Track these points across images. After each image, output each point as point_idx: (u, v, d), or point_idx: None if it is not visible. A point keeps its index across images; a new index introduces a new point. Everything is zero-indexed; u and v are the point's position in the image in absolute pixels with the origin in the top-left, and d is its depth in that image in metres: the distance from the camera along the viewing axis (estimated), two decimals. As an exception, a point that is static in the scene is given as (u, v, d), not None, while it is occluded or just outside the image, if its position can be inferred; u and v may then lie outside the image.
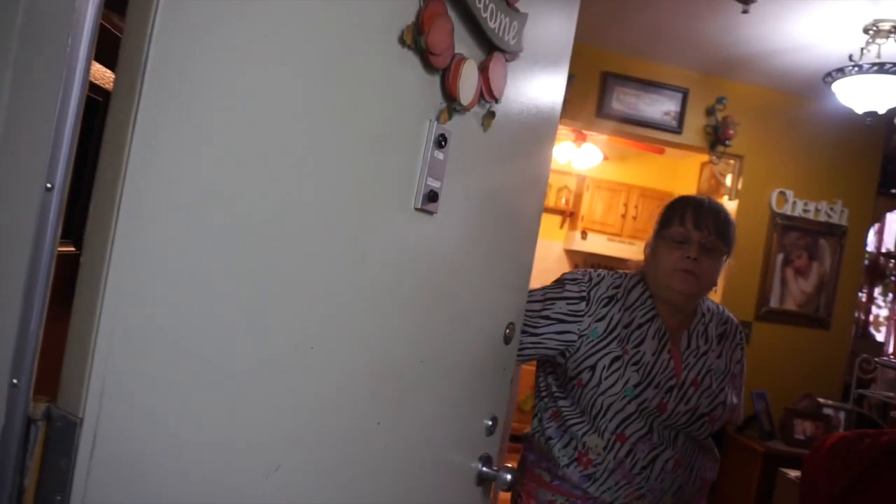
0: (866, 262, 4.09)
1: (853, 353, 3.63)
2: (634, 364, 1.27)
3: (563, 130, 4.63)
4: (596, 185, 5.66)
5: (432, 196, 0.87)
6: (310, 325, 0.72)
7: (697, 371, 1.31)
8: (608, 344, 1.29)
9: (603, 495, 1.27)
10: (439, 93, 0.87)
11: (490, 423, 1.18)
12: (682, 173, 5.71)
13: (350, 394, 0.80)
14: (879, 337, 4.63)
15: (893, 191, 4.04)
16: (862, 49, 2.61)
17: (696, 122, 3.49)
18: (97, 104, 0.86)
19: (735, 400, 1.39)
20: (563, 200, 5.80)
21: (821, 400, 3.42)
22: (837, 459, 1.39)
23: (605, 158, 5.33)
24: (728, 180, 3.63)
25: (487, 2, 0.89)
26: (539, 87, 1.17)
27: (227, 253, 0.61)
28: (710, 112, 3.48)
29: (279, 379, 0.69)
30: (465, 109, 0.91)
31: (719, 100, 3.47)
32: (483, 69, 0.94)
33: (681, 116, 3.47)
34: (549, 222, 5.83)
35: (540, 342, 1.31)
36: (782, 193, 3.56)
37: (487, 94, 0.95)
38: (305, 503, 0.75)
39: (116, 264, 0.50)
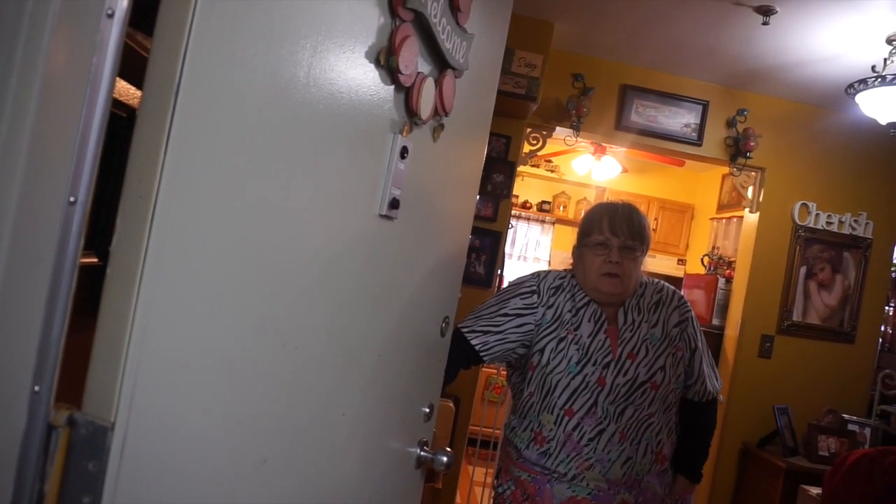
0: (893, 274, 4.01)
1: (879, 368, 3.56)
2: (576, 343, 1.44)
3: (583, 143, 4.63)
4: (615, 197, 5.63)
5: (394, 203, 0.95)
6: (293, 324, 0.77)
7: (633, 344, 1.45)
8: (556, 328, 1.46)
9: (558, 467, 1.42)
10: (403, 108, 0.95)
11: (427, 410, 1.31)
12: (703, 185, 5.67)
13: (323, 387, 0.88)
14: (907, 352, 4.52)
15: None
16: (885, 60, 2.57)
17: (716, 134, 3.47)
18: (120, 120, 0.89)
19: (695, 374, 1.54)
20: (583, 212, 5.78)
21: (845, 416, 3.35)
22: (859, 477, 1.36)
23: (625, 171, 5.31)
24: (749, 192, 3.59)
25: (445, 24, 0.99)
26: (476, 100, 1.30)
27: (236, 262, 0.65)
28: (730, 124, 3.46)
29: (267, 377, 0.74)
30: (423, 123, 1.01)
31: (740, 112, 3.44)
32: (438, 86, 1.03)
33: (701, 129, 3.44)
34: (569, 234, 5.81)
35: (504, 337, 1.47)
36: (805, 205, 3.51)
37: (441, 108, 1.05)
38: (287, 490, 0.83)
39: (148, 277, 0.52)
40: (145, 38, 0.84)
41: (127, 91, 0.92)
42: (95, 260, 0.83)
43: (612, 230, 1.44)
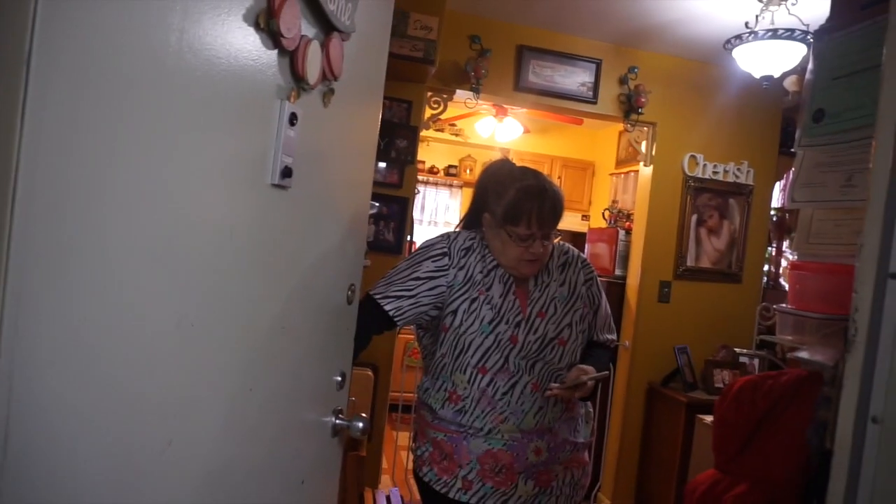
0: (775, 217, 4.34)
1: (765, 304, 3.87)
2: (488, 303, 1.47)
3: (484, 105, 4.67)
4: (519, 158, 5.73)
5: (287, 172, 0.93)
6: (187, 301, 0.75)
7: (542, 304, 1.50)
8: (468, 289, 1.48)
9: (474, 423, 1.46)
10: (289, 73, 0.92)
11: (340, 378, 1.32)
12: (602, 142, 5.87)
13: (226, 365, 0.86)
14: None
15: (792, 150, 4.28)
16: (757, 16, 2.74)
17: (610, 91, 3.59)
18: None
19: (604, 335, 1.64)
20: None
21: (737, 350, 3.63)
22: (744, 401, 1.49)
23: (527, 131, 5.42)
24: (643, 147, 3.76)
25: None
26: (367, 63, 1.29)
27: (118, 239, 0.62)
28: (622, 81, 3.59)
29: (162, 356, 0.72)
30: (311, 88, 0.98)
31: (631, 69, 3.57)
32: (324, 49, 1.00)
33: (595, 87, 3.55)
34: (476, 197, 5.88)
35: (417, 301, 1.48)
36: (693, 157, 3.72)
37: (329, 72, 1.03)
38: (197, 469, 0.81)
39: (16, 259, 0.49)
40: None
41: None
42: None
43: (540, 224, 1.46)
